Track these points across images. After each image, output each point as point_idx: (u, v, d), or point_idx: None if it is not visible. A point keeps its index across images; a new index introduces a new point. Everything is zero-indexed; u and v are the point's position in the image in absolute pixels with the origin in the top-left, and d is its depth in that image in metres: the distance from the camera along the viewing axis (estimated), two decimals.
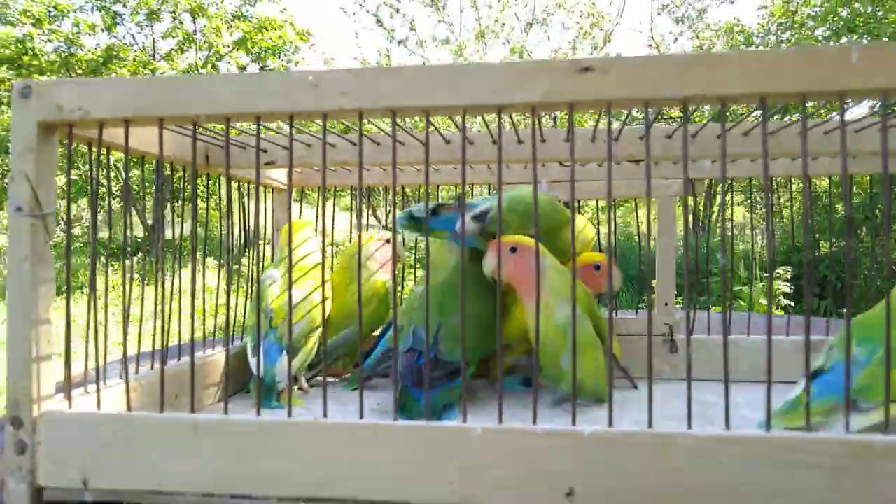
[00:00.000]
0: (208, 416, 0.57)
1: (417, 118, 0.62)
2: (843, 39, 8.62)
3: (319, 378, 1.03)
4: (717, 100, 0.52)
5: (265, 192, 1.12)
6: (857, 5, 8.19)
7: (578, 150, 0.86)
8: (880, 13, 8.07)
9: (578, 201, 1.21)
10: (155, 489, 0.57)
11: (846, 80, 0.49)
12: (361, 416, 0.58)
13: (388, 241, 1.07)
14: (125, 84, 0.60)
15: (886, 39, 7.46)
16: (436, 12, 10.57)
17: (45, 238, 0.60)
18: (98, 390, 0.63)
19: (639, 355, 1.01)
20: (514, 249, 0.85)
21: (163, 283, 0.73)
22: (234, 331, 0.98)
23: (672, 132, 0.84)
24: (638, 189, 1.04)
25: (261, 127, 0.61)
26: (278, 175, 1.11)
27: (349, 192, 1.22)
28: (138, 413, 0.60)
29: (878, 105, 0.54)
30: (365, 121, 0.59)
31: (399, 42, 11.97)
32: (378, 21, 11.88)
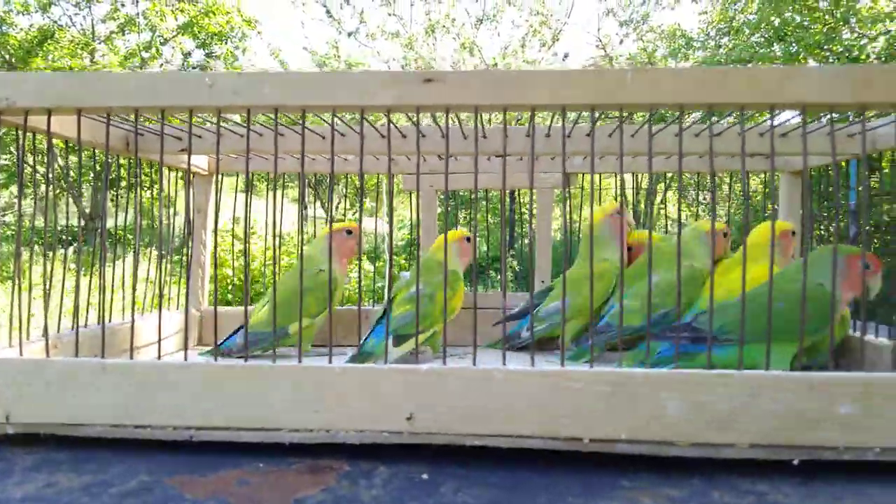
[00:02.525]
0: (114, 360, 0.68)
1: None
2: (775, 46, 9.12)
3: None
4: (529, 108, 0.66)
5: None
6: (787, 15, 8.67)
7: (453, 146, 1.00)
8: (807, 22, 8.58)
9: (475, 191, 1.34)
10: (69, 422, 0.68)
11: (623, 95, 0.64)
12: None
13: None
14: (47, 77, 0.70)
15: (810, 46, 7.94)
16: (386, 5, 10.62)
17: None
18: (21, 342, 0.73)
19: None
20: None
21: (102, 256, 0.81)
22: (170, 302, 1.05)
23: (528, 132, 0.98)
24: (519, 181, 1.19)
25: (180, 119, 0.71)
26: (198, 161, 1.21)
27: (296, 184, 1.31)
28: (54, 358, 0.71)
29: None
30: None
31: (349, 34, 11.96)
32: (328, 12, 11.84)
